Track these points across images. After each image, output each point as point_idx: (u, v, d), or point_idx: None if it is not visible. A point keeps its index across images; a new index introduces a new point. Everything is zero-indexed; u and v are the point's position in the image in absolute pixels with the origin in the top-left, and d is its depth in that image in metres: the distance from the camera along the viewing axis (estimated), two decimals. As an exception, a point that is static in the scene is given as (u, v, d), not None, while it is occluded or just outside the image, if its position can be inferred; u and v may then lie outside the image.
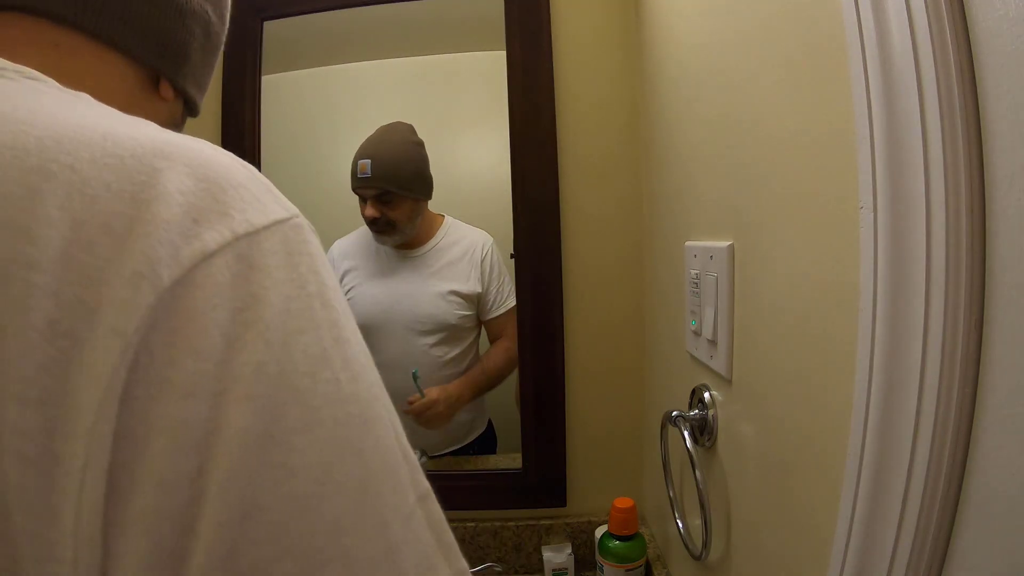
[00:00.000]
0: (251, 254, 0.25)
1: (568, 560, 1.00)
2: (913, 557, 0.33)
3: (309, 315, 0.25)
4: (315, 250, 0.28)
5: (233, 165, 0.27)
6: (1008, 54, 0.28)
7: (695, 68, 0.72)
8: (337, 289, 0.29)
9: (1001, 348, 0.29)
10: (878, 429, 0.35)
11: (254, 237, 0.25)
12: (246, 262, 0.24)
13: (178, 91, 0.44)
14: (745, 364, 0.60)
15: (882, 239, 0.34)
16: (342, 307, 0.28)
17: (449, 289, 1.14)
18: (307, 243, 0.28)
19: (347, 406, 0.25)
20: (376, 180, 1.09)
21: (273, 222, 0.26)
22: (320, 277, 0.27)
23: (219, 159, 0.27)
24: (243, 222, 0.25)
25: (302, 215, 0.29)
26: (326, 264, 0.29)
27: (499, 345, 1.17)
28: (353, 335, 0.28)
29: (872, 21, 0.34)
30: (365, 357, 0.28)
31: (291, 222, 0.27)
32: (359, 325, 0.29)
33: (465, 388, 1.15)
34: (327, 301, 0.27)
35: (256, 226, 0.25)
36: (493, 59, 1.04)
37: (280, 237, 0.26)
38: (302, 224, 0.28)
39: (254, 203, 0.26)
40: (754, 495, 0.58)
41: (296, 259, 0.26)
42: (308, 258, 0.27)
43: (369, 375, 0.28)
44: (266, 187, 0.28)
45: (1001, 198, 0.29)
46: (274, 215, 0.27)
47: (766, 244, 0.54)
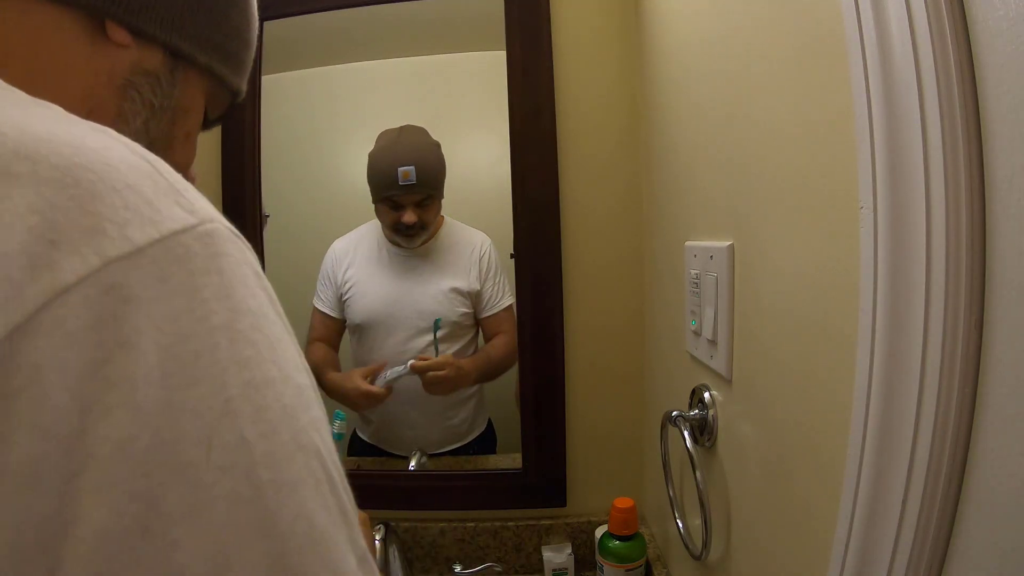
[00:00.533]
0: (126, 283, 0.19)
1: (568, 560, 1.00)
2: (913, 557, 0.33)
3: (208, 358, 0.20)
4: (231, 265, 0.22)
5: (122, 160, 0.22)
6: (1008, 54, 0.28)
7: (695, 68, 0.72)
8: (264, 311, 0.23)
9: (1001, 348, 0.29)
10: (878, 429, 0.35)
11: (134, 259, 0.20)
12: (117, 295, 0.19)
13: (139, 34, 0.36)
14: (745, 364, 0.60)
15: (882, 239, 0.34)
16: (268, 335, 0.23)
17: (450, 287, 1.15)
18: (219, 257, 0.22)
19: (255, 472, 0.20)
20: (422, 186, 1.10)
21: (167, 234, 0.21)
22: (232, 303, 0.22)
23: (101, 154, 0.21)
24: (119, 240, 0.19)
25: (219, 219, 0.23)
26: (249, 280, 0.23)
27: (500, 339, 1.18)
28: (279, 369, 0.23)
29: (872, 21, 0.34)
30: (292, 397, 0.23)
31: (197, 230, 0.22)
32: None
33: (472, 368, 1.15)
34: (239, 334, 0.21)
35: (138, 243, 0.20)
36: (493, 59, 1.04)
37: (175, 254, 0.21)
38: (215, 231, 0.22)
39: (141, 211, 0.21)
40: (754, 495, 0.58)
41: (198, 281, 0.21)
42: (218, 278, 0.22)
43: (294, 420, 0.22)
44: (168, 186, 0.22)
45: (1001, 198, 0.29)
46: (170, 224, 0.21)
47: (766, 244, 0.54)
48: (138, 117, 0.38)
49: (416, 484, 1.10)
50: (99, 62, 0.35)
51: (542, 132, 1.02)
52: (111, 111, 0.36)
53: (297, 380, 0.24)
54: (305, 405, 0.24)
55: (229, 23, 0.42)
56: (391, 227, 1.13)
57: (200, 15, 0.39)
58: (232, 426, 0.20)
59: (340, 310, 1.17)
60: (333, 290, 1.18)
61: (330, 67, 1.22)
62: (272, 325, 0.24)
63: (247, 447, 0.20)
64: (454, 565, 1.02)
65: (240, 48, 0.44)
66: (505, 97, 1.02)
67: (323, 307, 1.19)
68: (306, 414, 0.23)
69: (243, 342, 0.22)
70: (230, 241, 0.23)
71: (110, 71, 0.36)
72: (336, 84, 1.25)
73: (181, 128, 0.42)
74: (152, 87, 0.38)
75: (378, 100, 1.26)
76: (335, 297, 1.18)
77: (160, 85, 0.39)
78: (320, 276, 1.19)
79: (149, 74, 0.38)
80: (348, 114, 1.26)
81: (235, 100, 0.47)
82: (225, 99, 0.46)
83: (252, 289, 0.23)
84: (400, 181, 1.08)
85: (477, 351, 1.19)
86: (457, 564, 1.03)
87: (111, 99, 0.36)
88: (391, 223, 1.12)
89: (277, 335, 0.24)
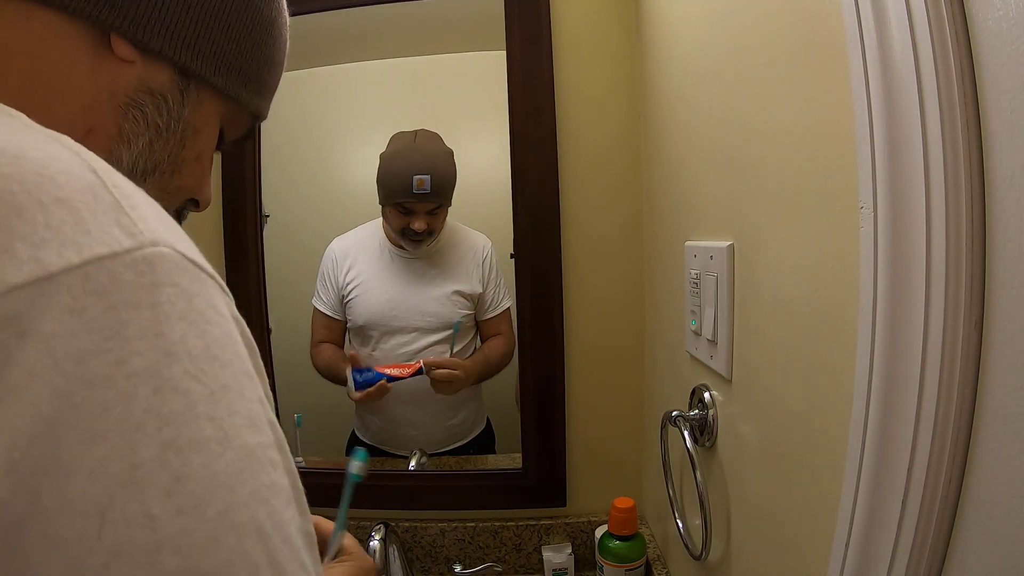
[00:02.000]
0: (26, 315, 0.16)
1: (568, 560, 1.00)
2: (913, 557, 0.33)
3: (119, 411, 0.17)
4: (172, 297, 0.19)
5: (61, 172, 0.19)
6: (1008, 54, 0.28)
7: (695, 68, 0.72)
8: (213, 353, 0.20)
9: (1001, 348, 0.29)
10: (878, 429, 0.35)
11: (42, 287, 0.17)
12: (12, 329, 0.16)
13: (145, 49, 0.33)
14: (745, 364, 0.60)
15: (882, 239, 0.34)
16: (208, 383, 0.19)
17: (453, 290, 1.16)
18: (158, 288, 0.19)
19: (159, 559, 0.17)
20: (436, 196, 1.10)
21: (90, 259, 0.18)
22: (164, 343, 0.18)
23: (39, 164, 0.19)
24: (28, 262, 0.17)
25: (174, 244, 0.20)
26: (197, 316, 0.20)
27: (497, 339, 1.19)
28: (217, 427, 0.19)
29: (872, 21, 0.34)
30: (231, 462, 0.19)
31: (132, 255, 0.18)
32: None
33: (473, 369, 1.16)
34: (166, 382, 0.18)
35: (51, 269, 0.17)
36: (493, 59, 1.04)
37: (97, 284, 0.17)
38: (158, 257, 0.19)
39: (65, 230, 0.18)
40: (754, 495, 0.58)
41: (121, 316, 0.18)
42: (149, 312, 0.18)
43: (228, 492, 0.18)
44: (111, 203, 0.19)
45: (1001, 198, 0.29)
46: (96, 248, 0.18)
47: (766, 244, 0.54)
48: (141, 138, 0.35)
49: (416, 484, 1.10)
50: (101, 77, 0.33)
51: (542, 132, 1.02)
52: (111, 131, 0.34)
53: (244, 440, 0.20)
54: (252, 471, 0.20)
55: (250, 40, 0.38)
56: (398, 232, 1.12)
57: (216, 32, 0.36)
58: (137, 498, 0.17)
59: (341, 311, 1.17)
60: (334, 291, 1.17)
61: (330, 67, 1.22)
62: (221, 370, 0.20)
63: (153, 525, 0.17)
64: (454, 565, 1.02)
65: (262, 68, 0.40)
66: (505, 97, 1.02)
67: (324, 308, 1.18)
68: (251, 482, 0.19)
69: (171, 392, 0.18)
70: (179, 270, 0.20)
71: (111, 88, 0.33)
72: (336, 84, 1.25)
73: (191, 150, 0.39)
74: (158, 107, 0.35)
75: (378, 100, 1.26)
76: (336, 299, 1.17)
77: (167, 105, 0.36)
78: (320, 276, 1.18)
79: (155, 93, 0.35)
80: (348, 114, 1.26)
81: (257, 122, 0.44)
82: (245, 121, 0.43)
83: (200, 327, 0.20)
84: (414, 189, 1.08)
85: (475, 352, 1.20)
86: (457, 564, 1.03)
87: (111, 118, 0.33)
88: (399, 228, 1.12)
89: (225, 382, 0.20)
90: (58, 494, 0.16)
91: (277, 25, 0.41)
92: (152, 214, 0.20)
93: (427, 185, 1.07)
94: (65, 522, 0.16)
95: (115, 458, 0.16)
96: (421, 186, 1.07)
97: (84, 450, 0.16)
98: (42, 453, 0.16)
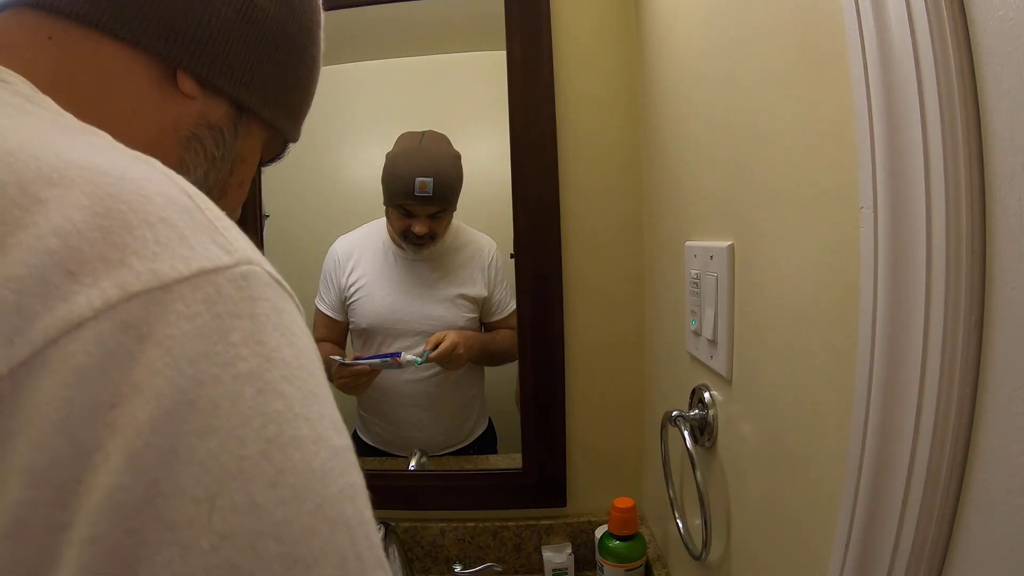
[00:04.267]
0: (145, 320, 0.18)
1: (568, 560, 1.00)
2: (913, 557, 0.33)
3: (228, 408, 0.18)
4: (266, 310, 0.21)
5: (160, 193, 0.20)
6: (1008, 54, 0.28)
7: (695, 68, 0.72)
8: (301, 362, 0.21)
9: (1001, 348, 0.29)
10: (878, 429, 0.35)
11: (157, 295, 0.18)
12: (134, 333, 0.18)
13: (206, 85, 0.36)
14: (745, 364, 0.60)
15: (882, 239, 0.34)
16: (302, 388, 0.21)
17: (458, 293, 1.15)
18: (254, 301, 0.20)
19: (262, 544, 0.18)
20: (438, 200, 1.08)
21: (197, 272, 0.19)
22: (264, 349, 0.20)
23: (139, 184, 0.20)
24: (145, 273, 0.18)
25: (261, 263, 0.22)
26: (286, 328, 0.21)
27: (505, 331, 1.18)
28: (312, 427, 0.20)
29: (872, 21, 0.34)
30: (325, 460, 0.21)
31: (232, 271, 0.20)
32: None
33: (476, 340, 1.15)
34: (268, 385, 0.20)
35: (165, 279, 0.19)
36: (493, 59, 1.04)
37: (205, 294, 0.19)
38: (252, 274, 0.21)
39: (173, 246, 0.19)
40: (754, 495, 0.58)
41: (227, 324, 0.19)
42: (250, 322, 0.20)
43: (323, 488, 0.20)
44: (206, 223, 0.21)
45: (1001, 198, 0.29)
46: (202, 263, 0.20)
47: (766, 244, 0.54)
48: (199, 168, 0.37)
49: (416, 484, 1.10)
50: (166, 111, 0.35)
51: (542, 132, 1.02)
52: (173, 161, 0.36)
53: (333, 442, 0.21)
54: (340, 470, 0.21)
55: (295, 75, 0.41)
56: (400, 234, 1.12)
57: (267, 67, 0.39)
58: (244, 488, 0.18)
59: (343, 312, 1.16)
60: (336, 292, 1.17)
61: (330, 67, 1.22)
62: (309, 378, 0.21)
63: (258, 513, 0.18)
64: (454, 565, 1.02)
65: (302, 100, 0.44)
66: (505, 97, 1.02)
67: (326, 309, 1.17)
68: (339, 480, 0.21)
69: (272, 394, 0.20)
70: (269, 286, 0.22)
71: (176, 122, 0.35)
72: (336, 84, 1.24)
73: (237, 176, 0.42)
74: (216, 140, 0.38)
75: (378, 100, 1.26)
76: (338, 300, 1.17)
77: (223, 138, 0.39)
78: (322, 277, 1.18)
79: (214, 127, 0.38)
80: (348, 114, 1.26)
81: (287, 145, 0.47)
82: (280, 145, 0.46)
83: (289, 338, 0.21)
84: (416, 191, 1.06)
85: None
86: (457, 564, 1.03)
87: (173, 149, 0.36)
88: (400, 230, 1.11)
89: (313, 390, 0.21)
90: (173, 482, 0.17)
91: (317, 61, 0.44)
92: (239, 235, 0.22)
93: (429, 188, 1.06)
94: (178, 507, 0.17)
95: (225, 451, 0.18)
96: (424, 189, 1.06)
97: (197, 442, 0.18)
98: (161, 444, 0.17)
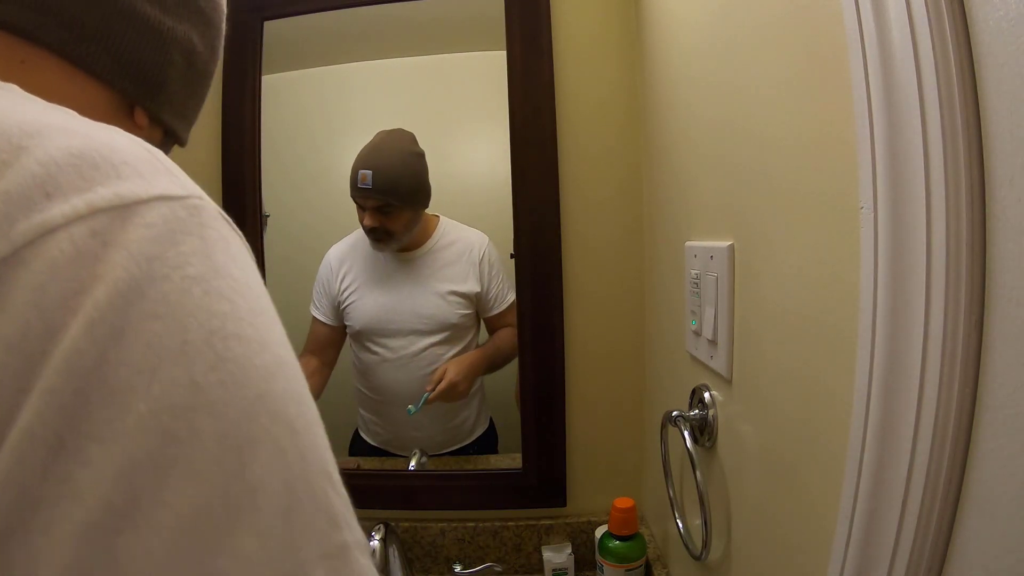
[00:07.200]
0: (110, 230, 0.21)
1: (568, 560, 1.00)
2: (913, 557, 0.33)
3: (175, 299, 0.21)
4: (215, 236, 0.23)
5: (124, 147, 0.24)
6: (1008, 54, 0.28)
7: (695, 68, 0.72)
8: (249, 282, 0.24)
9: (1001, 348, 0.29)
10: (878, 429, 0.35)
11: (122, 211, 0.21)
12: (100, 238, 0.20)
13: (154, 119, 0.42)
14: (745, 364, 0.60)
15: (882, 239, 0.34)
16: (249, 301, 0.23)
17: (449, 289, 1.15)
18: (205, 227, 0.23)
19: (196, 419, 0.20)
20: (376, 192, 1.09)
21: (155, 196, 0.22)
22: (212, 263, 0.22)
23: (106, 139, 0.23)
24: (110, 195, 0.21)
25: (210, 200, 0.25)
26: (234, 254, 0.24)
27: (506, 329, 1.18)
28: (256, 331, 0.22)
29: (872, 21, 0.34)
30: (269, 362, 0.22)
31: (185, 201, 0.23)
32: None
33: (479, 358, 1.16)
34: (214, 288, 0.22)
35: (127, 199, 0.21)
36: (493, 59, 1.04)
37: (160, 213, 0.22)
38: (204, 207, 0.24)
39: (134, 179, 0.22)
40: (754, 495, 0.58)
41: (179, 238, 0.22)
42: (200, 241, 0.22)
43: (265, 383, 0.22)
44: (164, 168, 0.24)
45: (1001, 198, 0.29)
46: (159, 190, 0.23)
47: (766, 244, 0.54)
48: None
49: (416, 484, 1.10)
50: None
51: (542, 132, 1.02)
52: None
53: (281, 354, 0.23)
54: (286, 376, 0.23)
55: (202, 98, 0.48)
56: (363, 229, 1.14)
57: (191, 99, 0.46)
58: (184, 366, 0.20)
59: (338, 318, 1.17)
60: (329, 299, 1.18)
61: (330, 67, 1.22)
62: (256, 298, 0.23)
63: (196, 390, 0.20)
64: (454, 565, 1.02)
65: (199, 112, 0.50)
66: (505, 97, 1.02)
67: (322, 316, 1.18)
68: (284, 384, 0.23)
69: (218, 296, 0.22)
70: (217, 220, 0.24)
71: None
72: (336, 84, 1.24)
73: None
74: None
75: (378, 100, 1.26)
76: (331, 306, 1.17)
77: None
78: (316, 285, 1.18)
79: None
80: (348, 114, 1.25)
81: None
82: None
83: (237, 261, 0.24)
84: (359, 184, 1.09)
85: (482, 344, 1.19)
86: (457, 564, 1.03)
87: None
88: (360, 224, 1.13)
89: (261, 307, 0.23)
90: (120, 353, 0.19)
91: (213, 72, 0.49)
92: (194, 183, 0.25)
93: (369, 180, 1.08)
94: (122, 375, 0.19)
95: (168, 334, 0.20)
96: (364, 181, 1.08)
97: (145, 324, 0.20)
98: (114, 321, 0.20)
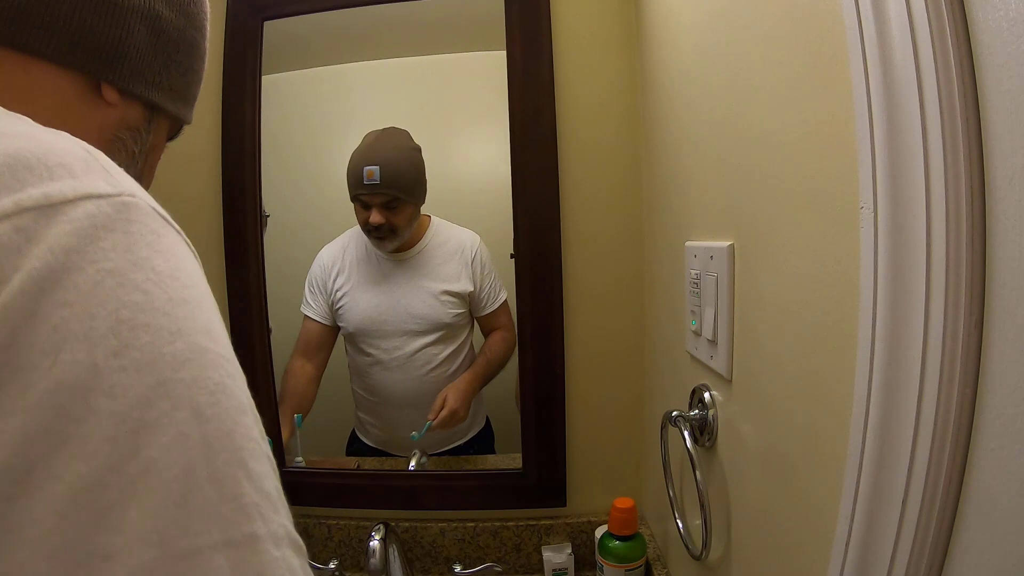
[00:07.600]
0: (34, 227, 0.21)
1: (568, 560, 1.00)
2: (913, 557, 0.33)
3: (86, 290, 0.21)
4: (142, 231, 0.24)
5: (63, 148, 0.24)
6: (1008, 54, 0.28)
7: (695, 68, 0.72)
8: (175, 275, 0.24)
9: (1001, 348, 0.29)
10: (878, 429, 0.35)
11: (47, 210, 0.22)
12: (24, 235, 0.21)
13: (125, 93, 0.41)
14: (745, 364, 0.60)
15: (882, 239, 0.34)
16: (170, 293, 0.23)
17: (442, 289, 1.16)
18: (131, 222, 0.24)
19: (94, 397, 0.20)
20: (386, 187, 1.10)
21: (82, 195, 0.23)
22: (133, 256, 0.23)
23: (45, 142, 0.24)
24: (38, 195, 0.22)
25: (147, 200, 0.25)
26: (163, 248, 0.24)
27: (496, 335, 1.20)
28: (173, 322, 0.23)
29: (872, 21, 0.34)
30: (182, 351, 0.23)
31: (113, 199, 0.24)
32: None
33: (474, 379, 1.17)
34: (129, 280, 0.22)
35: (54, 199, 0.22)
36: (493, 59, 1.04)
37: (86, 211, 0.23)
38: (134, 204, 0.24)
39: (65, 179, 0.23)
40: (754, 495, 0.58)
41: (100, 233, 0.23)
42: (123, 236, 0.23)
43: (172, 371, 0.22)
44: (99, 168, 0.25)
45: (1001, 198, 0.29)
46: (88, 189, 0.23)
47: (766, 244, 0.54)
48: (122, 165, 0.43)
49: (416, 484, 1.10)
50: (91, 119, 0.39)
51: (542, 132, 1.02)
52: None
53: (197, 340, 0.23)
54: (201, 365, 0.23)
55: (192, 70, 0.46)
56: (364, 228, 1.13)
57: (172, 69, 0.44)
58: (86, 350, 0.21)
59: (332, 318, 1.17)
60: (323, 298, 1.18)
61: (330, 67, 1.22)
62: (181, 288, 0.24)
63: (95, 372, 0.21)
64: (454, 565, 1.02)
65: (196, 88, 0.49)
66: (505, 97, 1.02)
67: (313, 314, 1.18)
68: (196, 372, 0.23)
69: (132, 288, 0.22)
70: (149, 215, 0.25)
71: (100, 127, 0.40)
72: (336, 84, 1.24)
73: (150, 164, 0.47)
74: (134, 138, 0.43)
75: (378, 100, 1.26)
76: (326, 305, 1.18)
77: (140, 135, 0.44)
78: (308, 284, 1.18)
79: (132, 128, 0.43)
80: (348, 114, 1.25)
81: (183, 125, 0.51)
82: (177, 127, 0.51)
83: (164, 254, 0.24)
84: (365, 180, 1.09)
85: (472, 352, 1.20)
86: (457, 564, 1.03)
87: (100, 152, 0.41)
88: (362, 223, 1.13)
89: (184, 296, 0.24)
90: (28, 335, 0.20)
91: (206, 51, 0.49)
92: (131, 182, 0.26)
93: (376, 176, 1.09)
94: (28, 355, 0.20)
95: (75, 320, 0.21)
96: (371, 177, 1.09)
97: (53, 310, 0.21)
98: (25, 305, 0.20)
